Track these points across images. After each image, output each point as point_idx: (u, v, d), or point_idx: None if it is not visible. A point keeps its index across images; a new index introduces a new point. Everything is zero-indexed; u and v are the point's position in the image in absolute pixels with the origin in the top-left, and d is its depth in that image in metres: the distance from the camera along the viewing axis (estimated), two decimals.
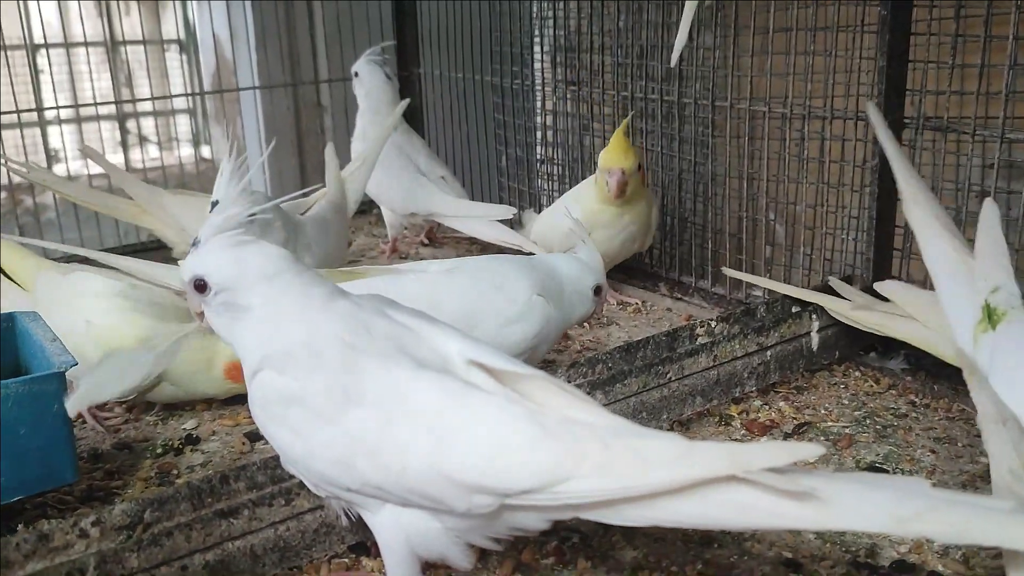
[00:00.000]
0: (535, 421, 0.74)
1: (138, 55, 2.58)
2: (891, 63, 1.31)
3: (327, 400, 0.77)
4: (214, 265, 0.84)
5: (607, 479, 0.71)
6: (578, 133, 1.91)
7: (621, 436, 0.73)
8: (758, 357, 1.27)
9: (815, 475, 0.70)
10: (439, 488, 0.74)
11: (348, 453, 0.76)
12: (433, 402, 0.76)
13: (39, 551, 0.82)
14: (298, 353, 0.80)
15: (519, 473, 0.72)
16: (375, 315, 0.83)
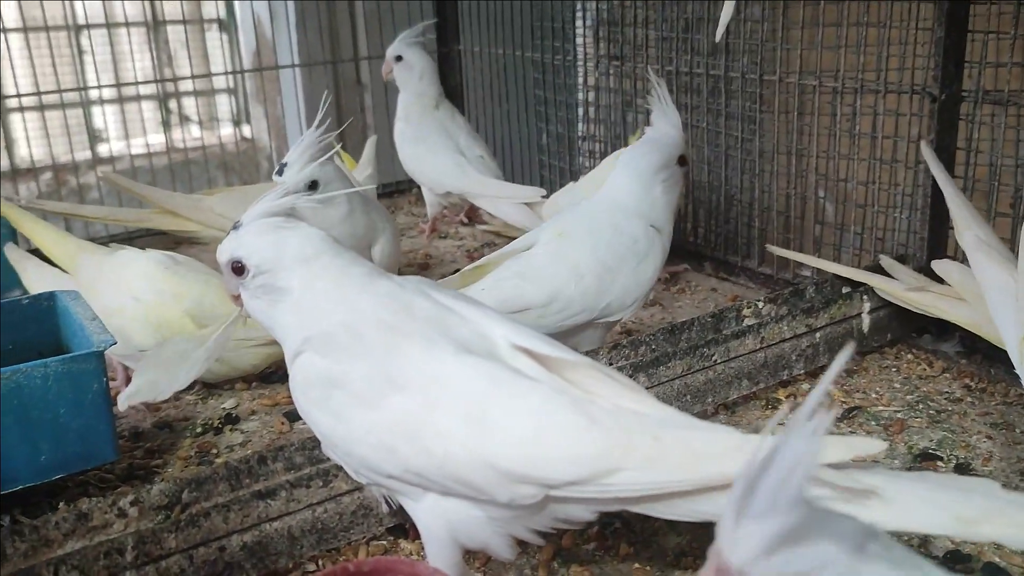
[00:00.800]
0: (582, 411, 0.72)
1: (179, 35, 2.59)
2: (949, 34, 1.26)
3: (369, 385, 0.76)
4: (252, 247, 0.83)
5: (657, 472, 0.69)
6: (620, 109, 1.87)
7: (672, 428, 0.71)
8: (807, 339, 1.23)
9: (876, 472, 0.66)
10: (482, 477, 0.72)
11: (390, 439, 0.75)
12: (477, 388, 0.74)
13: (78, 530, 0.82)
14: (339, 335, 0.78)
15: (565, 464, 0.70)
16: (417, 295, 0.81)
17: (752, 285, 1.61)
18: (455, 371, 0.75)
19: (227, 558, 0.87)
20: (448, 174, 1.85)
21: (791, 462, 0.47)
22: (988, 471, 1.02)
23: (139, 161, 2.23)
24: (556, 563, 0.90)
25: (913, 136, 1.36)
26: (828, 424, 0.49)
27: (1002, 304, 0.98)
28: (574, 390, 0.75)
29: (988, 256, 1.03)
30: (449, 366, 0.75)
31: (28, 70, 2.07)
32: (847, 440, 0.68)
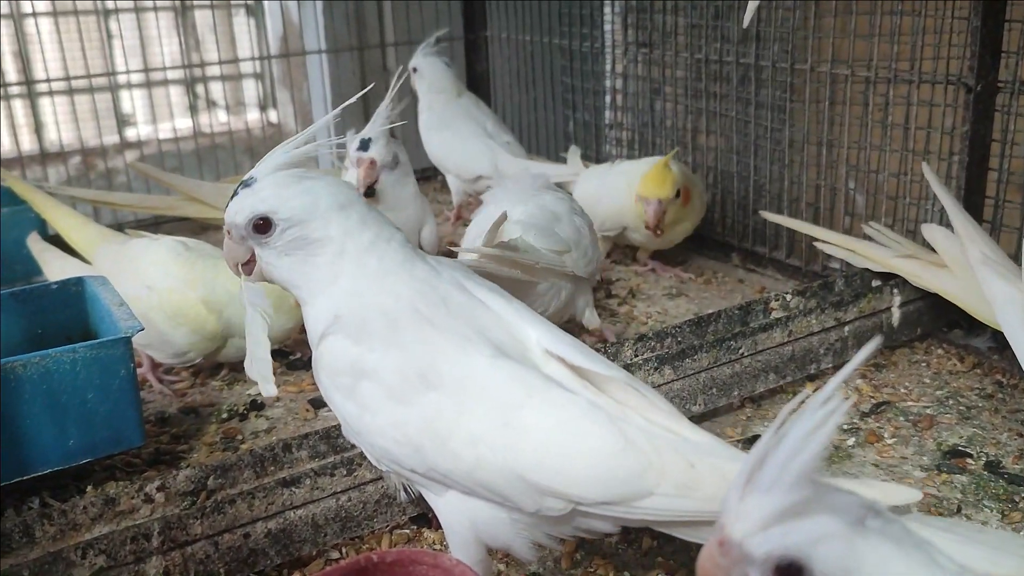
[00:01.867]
0: (618, 429, 0.70)
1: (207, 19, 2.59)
2: (986, 23, 1.23)
3: (402, 380, 0.73)
4: (280, 199, 0.75)
5: (689, 500, 0.68)
6: (649, 97, 1.85)
7: (707, 455, 0.69)
8: (835, 333, 1.22)
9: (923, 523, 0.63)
10: (510, 487, 0.71)
11: (417, 437, 0.73)
12: (512, 395, 0.72)
13: (105, 515, 0.83)
14: (374, 321, 0.75)
15: (597, 484, 0.69)
16: (453, 287, 0.78)
17: (780, 277, 1.59)
18: (490, 374, 0.72)
19: (252, 545, 0.87)
20: (478, 159, 1.84)
21: (800, 440, 0.48)
22: (1018, 469, 1.01)
23: (166, 146, 2.24)
24: (579, 555, 0.90)
25: (947, 127, 1.34)
26: (844, 410, 0.49)
27: (1011, 316, 1.00)
28: (609, 404, 0.73)
29: (994, 271, 1.06)
30: (483, 369, 0.73)
31: (58, 54, 2.08)
32: (883, 487, 0.66)
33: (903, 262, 1.26)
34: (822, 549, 0.48)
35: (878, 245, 1.32)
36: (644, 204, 1.47)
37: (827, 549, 0.48)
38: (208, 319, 1.20)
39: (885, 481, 0.64)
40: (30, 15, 2.16)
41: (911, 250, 1.28)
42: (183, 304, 1.20)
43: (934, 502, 0.95)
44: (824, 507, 0.48)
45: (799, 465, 0.48)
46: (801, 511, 0.48)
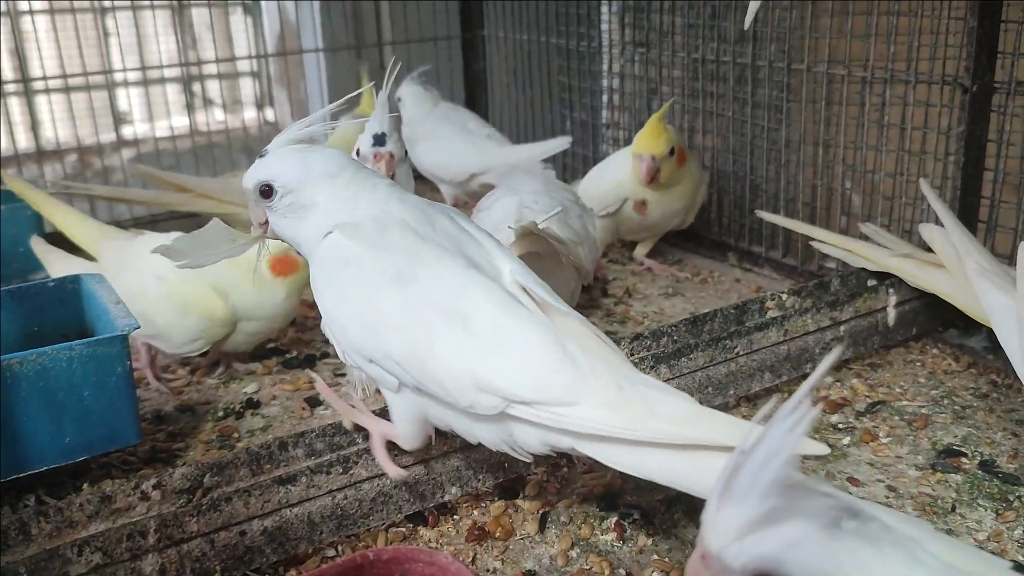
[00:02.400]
0: (561, 343, 0.77)
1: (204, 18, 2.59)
2: (982, 23, 1.24)
3: (380, 271, 0.81)
4: (279, 167, 0.86)
5: (613, 416, 0.73)
6: (646, 96, 1.86)
7: (638, 383, 0.75)
8: (831, 332, 1.22)
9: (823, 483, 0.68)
10: (452, 378, 0.77)
11: (382, 324, 0.80)
12: (475, 299, 0.79)
13: (102, 512, 0.83)
14: (366, 225, 0.84)
15: (530, 384, 0.75)
16: (442, 215, 0.87)
17: (776, 276, 1.60)
18: (459, 280, 0.80)
19: (247, 542, 0.87)
20: (465, 157, 1.84)
21: (770, 449, 0.50)
22: (1012, 468, 1.01)
23: (163, 144, 2.24)
24: (574, 552, 0.90)
25: (943, 128, 1.34)
26: (811, 417, 0.51)
27: (1006, 326, 1.01)
28: (562, 329, 0.80)
29: (990, 281, 1.07)
30: (454, 274, 0.80)
31: (54, 52, 2.08)
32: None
33: (899, 262, 1.26)
34: (797, 554, 0.48)
35: (874, 245, 1.32)
36: (638, 162, 1.51)
37: (802, 554, 0.49)
38: (218, 304, 1.21)
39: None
40: (26, 12, 2.16)
41: (907, 250, 1.28)
42: (194, 291, 1.20)
43: (929, 501, 0.96)
44: (797, 512, 0.49)
45: (770, 474, 0.49)
46: (774, 518, 0.49)
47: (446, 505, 0.97)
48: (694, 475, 0.71)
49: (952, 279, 1.19)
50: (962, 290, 1.17)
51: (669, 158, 1.51)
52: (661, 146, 1.49)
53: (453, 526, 0.95)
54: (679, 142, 1.55)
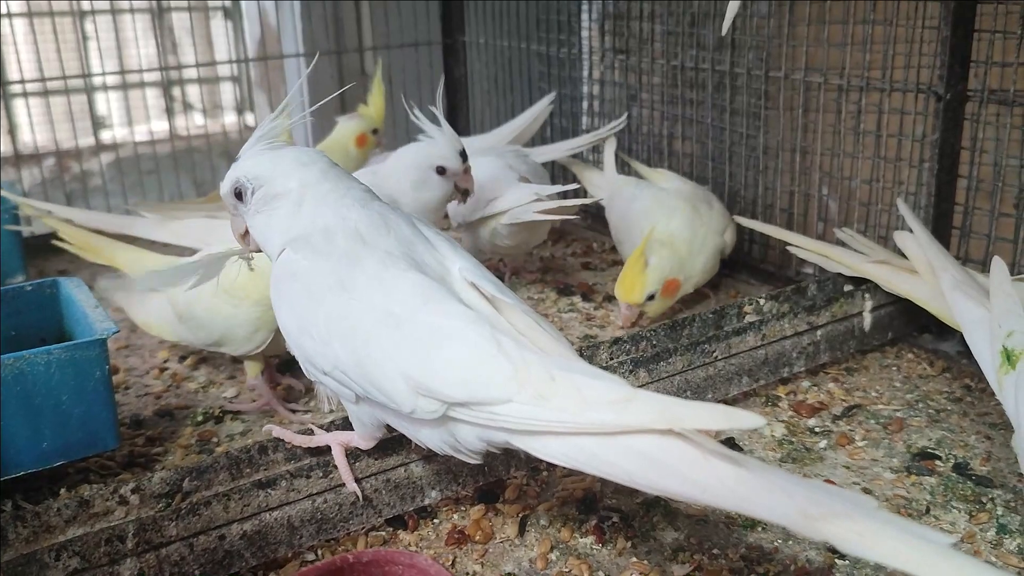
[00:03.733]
0: (495, 339, 0.76)
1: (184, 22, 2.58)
2: (955, 33, 1.26)
3: (322, 281, 0.81)
4: (250, 164, 0.88)
5: (542, 409, 0.72)
6: (625, 103, 1.87)
7: (568, 370, 0.74)
8: (808, 337, 1.24)
9: (750, 461, 0.67)
10: (393, 385, 0.77)
11: (327, 334, 0.81)
12: (411, 302, 0.79)
13: (80, 516, 0.83)
14: (315, 237, 0.84)
15: (465, 385, 0.75)
16: (403, 221, 0.88)
17: (754, 281, 1.61)
18: (397, 284, 0.80)
19: (227, 546, 0.87)
20: None
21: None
22: (986, 471, 1.03)
23: (142, 148, 2.22)
24: (554, 555, 0.91)
25: (918, 135, 1.36)
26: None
27: (979, 338, 1.03)
28: (500, 322, 0.81)
29: (964, 294, 1.08)
30: (393, 278, 0.80)
31: (32, 56, 2.07)
32: (727, 410, 0.67)
33: (875, 267, 1.28)
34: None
35: (851, 250, 1.34)
36: (619, 306, 1.37)
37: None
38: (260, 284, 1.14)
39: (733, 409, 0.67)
40: (4, 16, 2.15)
41: (883, 256, 1.30)
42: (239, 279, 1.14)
43: (903, 503, 0.97)
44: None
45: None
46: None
47: (426, 509, 0.98)
48: (624, 462, 0.69)
49: (927, 285, 1.21)
50: (937, 296, 1.18)
51: (650, 301, 1.36)
52: (636, 295, 1.34)
53: (433, 530, 0.95)
54: (666, 276, 1.36)
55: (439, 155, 1.28)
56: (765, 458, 1.06)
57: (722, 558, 0.89)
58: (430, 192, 1.30)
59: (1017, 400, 0.91)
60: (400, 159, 1.32)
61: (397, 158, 1.33)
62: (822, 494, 0.63)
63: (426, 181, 1.29)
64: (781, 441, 1.10)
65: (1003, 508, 0.96)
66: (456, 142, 1.29)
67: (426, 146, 1.30)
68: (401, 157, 1.32)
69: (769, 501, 0.64)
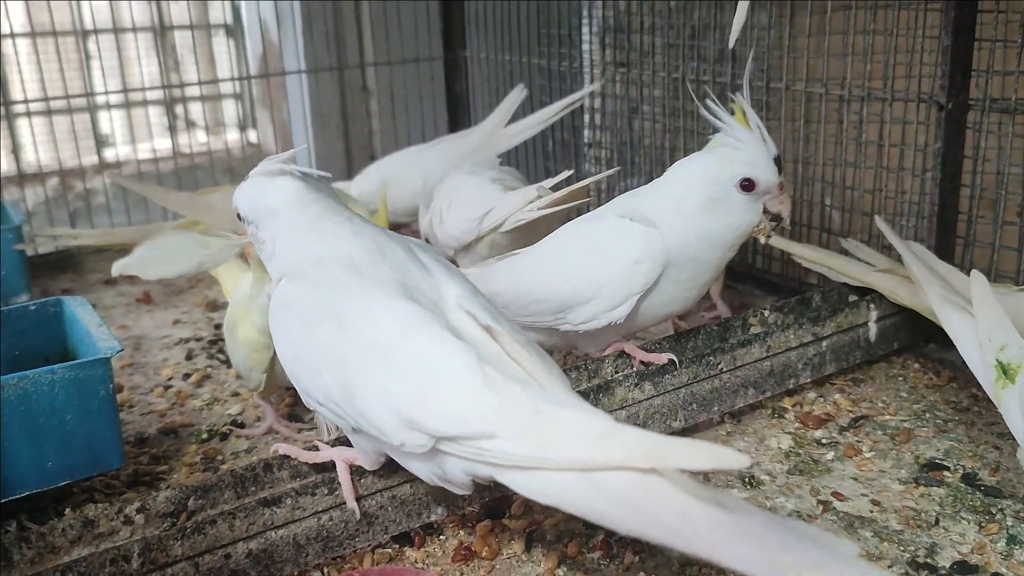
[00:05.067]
0: (482, 372, 0.74)
1: (186, 40, 2.59)
2: (956, 41, 1.26)
3: (314, 311, 0.81)
4: (240, 199, 0.90)
5: (526, 445, 0.70)
6: (627, 116, 1.87)
7: (553, 404, 0.72)
8: (813, 348, 1.23)
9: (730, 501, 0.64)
10: (380, 417, 0.76)
11: (318, 364, 0.80)
12: (399, 331, 0.78)
13: (84, 537, 0.82)
14: (309, 268, 0.84)
15: (451, 419, 0.73)
16: (399, 246, 0.86)
17: (758, 292, 1.61)
18: (385, 313, 0.79)
19: (232, 565, 0.87)
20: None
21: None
22: (994, 481, 1.02)
23: (145, 166, 2.23)
24: (561, 571, 0.90)
25: (920, 144, 1.36)
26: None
27: (971, 350, 1.02)
28: (491, 352, 0.78)
29: (952, 307, 1.08)
30: (381, 306, 0.79)
31: (36, 75, 2.07)
32: (712, 448, 0.65)
33: (880, 277, 1.28)
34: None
35: (855, 260, 1.34)
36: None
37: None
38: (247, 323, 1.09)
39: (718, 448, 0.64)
40: (8, 35, 2.16)
41: (887, 265, 1.30)
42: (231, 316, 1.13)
43: (912, 515, 0.96)
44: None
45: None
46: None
47: (432, 525, 0.97)
48: (599, 501, 0.67)
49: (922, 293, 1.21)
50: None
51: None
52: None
53: (439, 546, 0.95)
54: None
55: (745, 162, 0.95)
56: (772, 471, 1.06)
57: (731, 573, 0.88)
58: (728, 217, 0.97)
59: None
60: (680, 172, 1.01)
61: (675, 172, 1.02)
62: (795, 539, 0.61)
63: (724, 201, 0.96)
64: (788, 453, 1.10)
65: (1013, 519, 0.95)
66: (771, 147, 0.97)
67: (724, 153, 0.97)
68: (683, 170, 1.01)
69: (739, 551, 0.61)
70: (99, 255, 1.94)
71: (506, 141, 1.85)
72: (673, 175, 1.02)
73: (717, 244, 0.99)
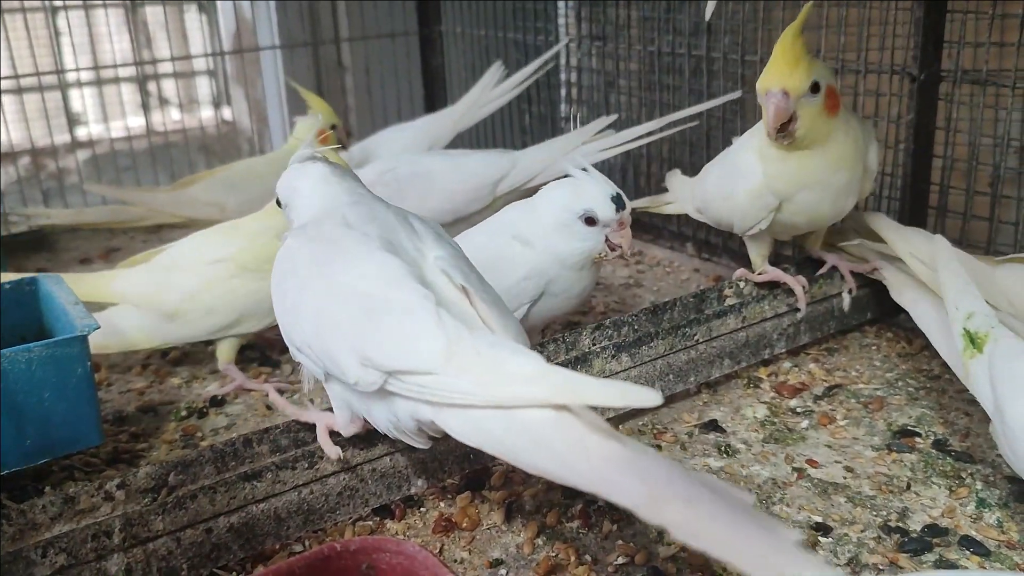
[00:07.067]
0: (436, 315, 0.77)
1: (158, 16, 2.56)
2: (928, 13, 1.27)
3: (303, 263, 0.87)
4: (280, 185, 0.98)
5: (464, 381, 0.73)
6: (603, 90, 1.87)
7: (495, 347, 0.75)
8: (788, 318, 1.25)
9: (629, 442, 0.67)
10: (342, 354, 0.80)
11: (300, 309, 0.85)
12: (368, 277, 0.81)
13: (65, 513, 0.82)
14: (308, 226, 0.91)
15: (397, 353, 0.77)
16: (390, 212, 0.91)
17: (734, 265, 1.62)
18: (365, 261, 0.83)
19: (214, 539, 0.87)
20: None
21: None
22: (965, 447, 1.04)
23: (119, 145, 2.21)
24: (540, 540, 0.91)
25: (893, 116, 1.37)
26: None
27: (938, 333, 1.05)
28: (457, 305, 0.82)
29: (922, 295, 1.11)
30: (363, 256, 0.83)
31: (4, 52, 2.04)
32: (623, 386, 0.69)
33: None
34: None
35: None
36: (764, 102, 1.07)
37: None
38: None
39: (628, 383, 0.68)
40: None
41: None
42: (265, 247, 1.17)
43: (885, 480, 0.98)
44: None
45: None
46: None
47: (412, 498, 0.98)
48: (513, 438, 0.70)
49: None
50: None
51: (811, 98, 1.06)
52: (798, 77, 1.03)
53: (420, 518, 0.96)
54: (829, 78, 1.08)
55: (588, 198, 1.05)
56: (748, 439, 1.08)
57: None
58: (574, 242, 1.06)
59: (994, 385, 0.90)
60: (546, 196, 1.10)
61: (542, 195, 1.11)
62: (682, 479, 0.63)
63: (571, 227, 1.06)
64: (763, 422, 1.11)
65: (982, 483, 0.97)
66: (608, 186, 1.06)
67: (574, 185, 1.07)
68: (548, 194, 1.10)
69: (622, 481, 0.64)
70: (73, 234, 1.93)
71: (481, 110, 1.86)
72: (539, 197, 1.12)
73: (567, 263, 1.08)
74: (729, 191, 1.22)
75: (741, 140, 1.26)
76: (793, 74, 1.04)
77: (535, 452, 0.69)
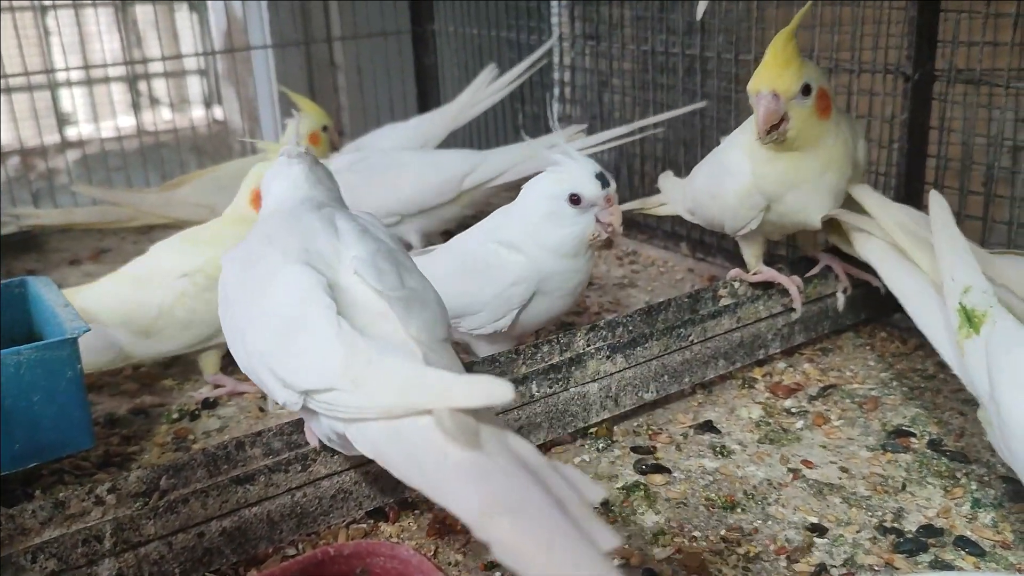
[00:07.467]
0: (337, 328, 0.75)
1: (148, 15, 2.55)
2: (922, 12, 1.27)
3: (232, 287, 0.87)
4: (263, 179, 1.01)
5: (355, 396, 0.72)
6: (596, 89, 1.87)
7: (384, 355, 0.73)
8: (782, 318, 1.24)
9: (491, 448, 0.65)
10: (266, 377, 0.80)
11: (232, 333, 0.86)
12: (279, 296, 0.81)
13: (55, 518, 0.82)
14: (239, 248, 0.91)
15: (304, 372, 0.76)
16: (320, 220, 0.88)
17: (729, 265, 1.61)
18: (278, 280, 0.82)
19: (206, 544, 0.87)
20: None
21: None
22: (959, 446, 1.04)
23: (109, 145, 2.20)
24: None
25: (887, 115, 1.37)
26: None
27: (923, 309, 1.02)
28: (369, 311, 0.79)
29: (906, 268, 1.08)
30: (276, 275, 0.82)
31: None
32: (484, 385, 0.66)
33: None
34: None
35: None
36: (755, 103, 1.07)
37: None
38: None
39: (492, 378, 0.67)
40: None
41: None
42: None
43: (880, 480, 0.98)
44: None
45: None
46: None
47: (407, 500, 0.97)
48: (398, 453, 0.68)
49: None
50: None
51: (802, 100, 1.06)
52: (788, 78, 1.04)
53: (414, 521, 0.95)
54: (821, 80, 1.09)
55: (571, 180, 1.06)
56: (743, 440, 1.07)
57: (702, 540, 0.90)
58: (564, 228, 1.06)
59: (991, 373, 0.86)
60: (527, 193, 1.11)
61: (523, 193, 1.12)
62: (519, 490, 0.60)
63: (559, 214, 1.06)
64: (758, 422, 1.11)
65: (977, 483, 0.97)
66: (591, 165, 1.07)
67: (555, 172, 1.08)
68: (528, 191, 1.11)
69: (461, 493, 0.62)
70: (63, 235, 1.92)
71: (473, 109, 1.86)
72: (521, 196, 1.12)
73: (560, 253, 1.08)
74: (717, 190, 1.22)
75: (730, 138, 1.25)
76: (784, 75, 1.05)
77: (407, 464, 0.67)
